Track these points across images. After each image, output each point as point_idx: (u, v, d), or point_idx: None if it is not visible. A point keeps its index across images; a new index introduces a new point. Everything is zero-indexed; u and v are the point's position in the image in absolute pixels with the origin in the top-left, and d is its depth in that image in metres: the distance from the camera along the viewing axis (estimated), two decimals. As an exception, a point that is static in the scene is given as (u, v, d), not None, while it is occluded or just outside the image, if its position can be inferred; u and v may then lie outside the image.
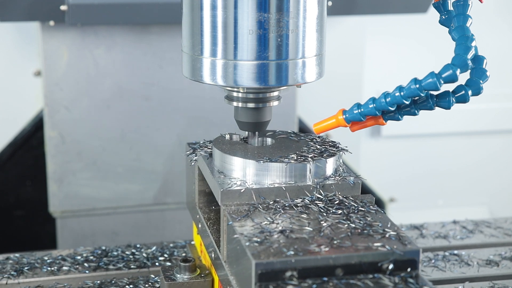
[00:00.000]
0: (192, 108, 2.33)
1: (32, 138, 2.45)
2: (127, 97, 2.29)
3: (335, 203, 1.26)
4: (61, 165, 2.30)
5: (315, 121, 1.37)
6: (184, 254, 1.63)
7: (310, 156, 1.31)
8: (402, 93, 1.24)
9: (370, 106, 1.29)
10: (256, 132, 1.39)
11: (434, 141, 2.86)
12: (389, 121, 1.33)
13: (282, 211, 1.22)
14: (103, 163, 2.33)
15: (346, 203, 1.26)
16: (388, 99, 1.26)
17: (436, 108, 1.31)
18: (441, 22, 1.36)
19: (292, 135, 1.44)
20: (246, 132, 1.41)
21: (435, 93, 1.28)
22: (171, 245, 1.69)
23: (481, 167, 2.92)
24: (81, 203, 2.35)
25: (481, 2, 1.36)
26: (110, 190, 2.35)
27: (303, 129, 2.54)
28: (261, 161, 1.28)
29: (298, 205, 1.24)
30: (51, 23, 2.16)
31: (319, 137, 1.43)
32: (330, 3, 2.22)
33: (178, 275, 1.40)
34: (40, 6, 2.08)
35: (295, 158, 1.30)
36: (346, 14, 2.35)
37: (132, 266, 1.59)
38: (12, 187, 2.48)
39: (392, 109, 1.28)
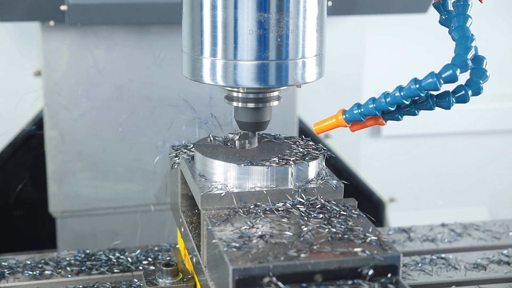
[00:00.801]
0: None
1: (32, 138, 2.45)
2: (127, 97, 2.29)
3: (317, 207, 1.24)
4: (61, 165, 2.30)
5: (315, 121, 1.36)
6: (168, 258, 1.61)
7: (292, 159, 1.30)
8: (402, 93, 1.24)
9: (370, 106, 1.29)
10: (256, 132, 1.39)
11: (434, 141, 2.85)
12: (389, 121, 1.33)
13: (263, 216, 1.20)
14: (103, 163, 2.32)
15: (328, 207, 1.24)
16: (388, 99, 1.26)
17: (436, 108, 1.30)
18: (441, 22, 1.36)
19: (275, 138, 1.42)
20: (230, 134, 1.41)
21: (435, 93, 1.28)
22: (156, 248, 1.67)
23: (481, 167, 2.92)
24: (81, 203, 2.34)
25: (481, 2, 1.36)
26: (110, 190, 2.35)
27: (303, 129, 2.54)
28: (242, 165, 1.27)
29: (279, 209, 1.23)
30: (51, 23, 2.15)
31: (302, 140, 1.41)
32: (330, 3, 2.21)
33: (160, 280, 1.38)
34: (40, 6, 2.08)
35: (277, 161, 1.28)
36: (346, 14, 2.35)
37: (115, 270, 1.56)
38: (12, 187, 2.48)
39: (392, 109, 1.28)
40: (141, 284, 1.50)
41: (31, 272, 1.55)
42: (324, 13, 1.31)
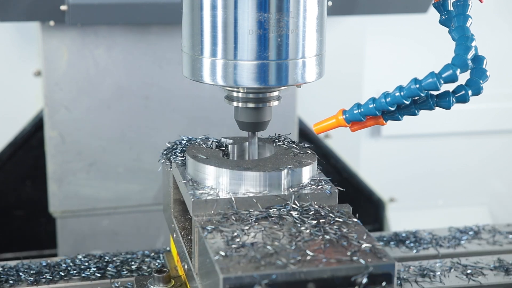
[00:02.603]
0: (192, 108, 2.33)
1: (32, 138, 2.45)
2: (127, 97, 2.29)
3: (311, 213, 1.21)
4: (61, 165, 2.30)
5: (315, 121, 1.36)
6: (160, 265, 1.58)
7: (285, 164, 1.28)
8: (402, 93, 1.24)
9: (370, 106, 1.29)
10: (256, 132, 1.39)
11: (434, 141, 2.85)
12: (389, 121, 1.33)
13: (255, 222, 1.17)
14: (103, 163, 2.33)
15: (322, 214, 1.21)
16: (388, 99, 1.26)
17: (436, 108, 1.30)
18: (441, 22, 1.36)
19: (269, 140, 1.41)
20: (223, 139, 1.40)
21: (435, 93, 1.28)
22: (152, 254, 1.63)
23: (481, 167, 2.92)
24: (81, 203, 2.34)
25: (481, 2, 1.36)
26: (110, 190, 2.35)
27: (303, 129, 2.54)
28: (235, 170, 1.25)
29: (272, 215, 1.20)
30: (51, 23, 2.16)
31: (296, 144, 1.39)
32: (330, 3, 2.22)
33: (152, 287, 1.37)
34: (40, 6, 2.08)
35: (270, 166, 1.26)
36: (346, 14, 2.35)
37: (106, 275, 1.54)
38: (12, 187, 2.48)
39: (392, 109, 1.27)
40: None
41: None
42: (324, 13, 1.31)
